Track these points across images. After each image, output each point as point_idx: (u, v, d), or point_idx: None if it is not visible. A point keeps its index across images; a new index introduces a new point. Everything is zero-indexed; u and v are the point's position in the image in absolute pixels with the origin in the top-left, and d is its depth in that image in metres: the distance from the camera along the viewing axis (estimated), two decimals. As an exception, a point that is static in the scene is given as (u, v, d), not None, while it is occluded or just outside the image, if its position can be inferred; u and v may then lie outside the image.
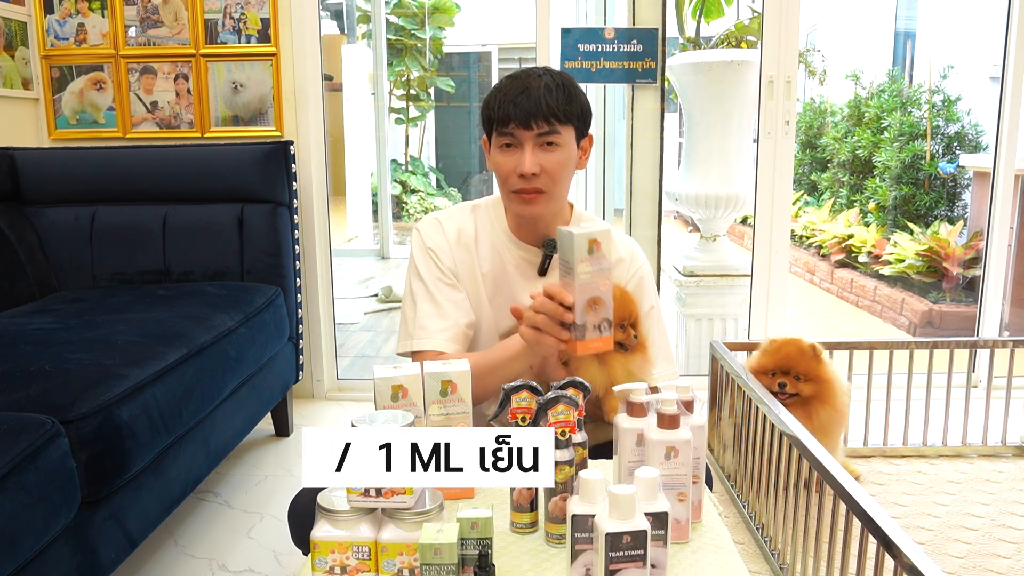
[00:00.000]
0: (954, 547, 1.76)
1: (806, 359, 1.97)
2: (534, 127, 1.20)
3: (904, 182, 5.70)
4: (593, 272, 0.97)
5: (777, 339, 2.01)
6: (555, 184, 1.25)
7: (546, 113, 1.20)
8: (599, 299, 0.98)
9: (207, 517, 1.98)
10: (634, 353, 1.27)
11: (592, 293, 0.98)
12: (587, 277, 0.97)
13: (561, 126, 1.22)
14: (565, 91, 1.22)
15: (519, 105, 1.20)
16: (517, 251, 1.34)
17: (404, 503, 0.85)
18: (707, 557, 0.95)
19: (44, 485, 1.20)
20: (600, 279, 0.97)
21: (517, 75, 1.24)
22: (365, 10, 7.89)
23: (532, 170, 1.21)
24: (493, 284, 1.34)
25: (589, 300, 0.98)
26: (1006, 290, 3.25)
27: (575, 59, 2.60)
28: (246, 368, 1.98)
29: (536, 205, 1.25)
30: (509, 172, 1.24)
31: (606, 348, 1.01)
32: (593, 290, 0.98)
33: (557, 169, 1.23)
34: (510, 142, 1.23)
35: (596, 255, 0.97)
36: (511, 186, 1.25)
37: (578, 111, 1.24)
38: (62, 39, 2.61)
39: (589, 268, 0.97)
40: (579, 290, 0.98)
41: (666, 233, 2.78)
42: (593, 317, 0.99)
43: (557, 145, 1.23)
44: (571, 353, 1.07)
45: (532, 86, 1.21)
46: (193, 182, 2.39)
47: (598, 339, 1.00)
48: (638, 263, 1.38)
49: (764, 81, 2.62)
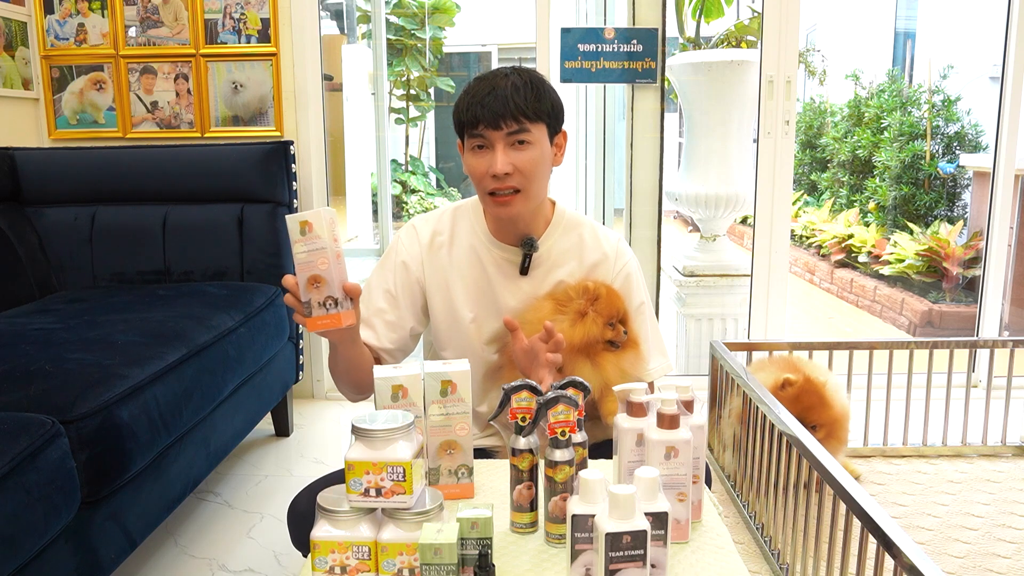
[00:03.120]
0: (954, 547, 1.76)
1: (823, 407, 1.91)
2: (503, 127, 1.20)
3: (904, 182, 5.70)
4: (308, 251, 1.02)
5: (792, 381, 1.92)
6: (530, 182, 1.24)
7: (514, 112, 1.19)
8: (319, 277, 1.02)
9: (207, 517, 1.98)
10: (625, 350, 1.27)
11: (310, 271, 1.02)
12: (303, 256, 1.02)
13: (531, 124, 1.21)
14: (533, 89, 1.22)
15: (487, 106, 1.19)
16: (497, 252, 1.34)
17: (404, 503, 0.85)
18: (707, 557, 0.95)
19: (44, 485, 1.20)
20: (317, 258, 1.01)
21: (485, 76, 1.24)
22: (365, 10, 7.89)
23: (504, 169, 1.21)
24: (473, 286, 1.33)
25: (309, 278, 1.02)
26: (1006, 290, 3.25)
27: (575, 59, 2.60)
28: (246, 368, 1.98)
29: (512, 206, 1.25)
30: (482, 174, 1.24)
31: (334, 325, 1.04)
32: (311, 268, 1.02)
33: (530, 167, 1.23)
34: (481, 143, 1.23)
35: (309, 235, 1.01)
36: (485, 187, 1.25)
37: (548, 108, 1.24)
38: (62, 39, 2.61)
39: (304, 248, 1.01)
40: (298, 269, 1.03)
41: (666, 233, 2.78)
42: (316, 295, 1.03)
43: (528, 143, 1.22)
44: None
45: (499, 86, 1.20)
46: (193, 182, 2.39)
47: (325, 316, 1.04)
48: (624, 259, 1.37)
49: (764, 81, 2.62)
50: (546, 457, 0.96)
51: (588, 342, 1.23)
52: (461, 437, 1.05)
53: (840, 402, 1.97)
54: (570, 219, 1.37)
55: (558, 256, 1.34)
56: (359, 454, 0.85)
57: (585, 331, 1.23)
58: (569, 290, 1.27)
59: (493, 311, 1.33)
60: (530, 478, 0.98)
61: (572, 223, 1.37)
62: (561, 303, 1.26)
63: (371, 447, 0.85)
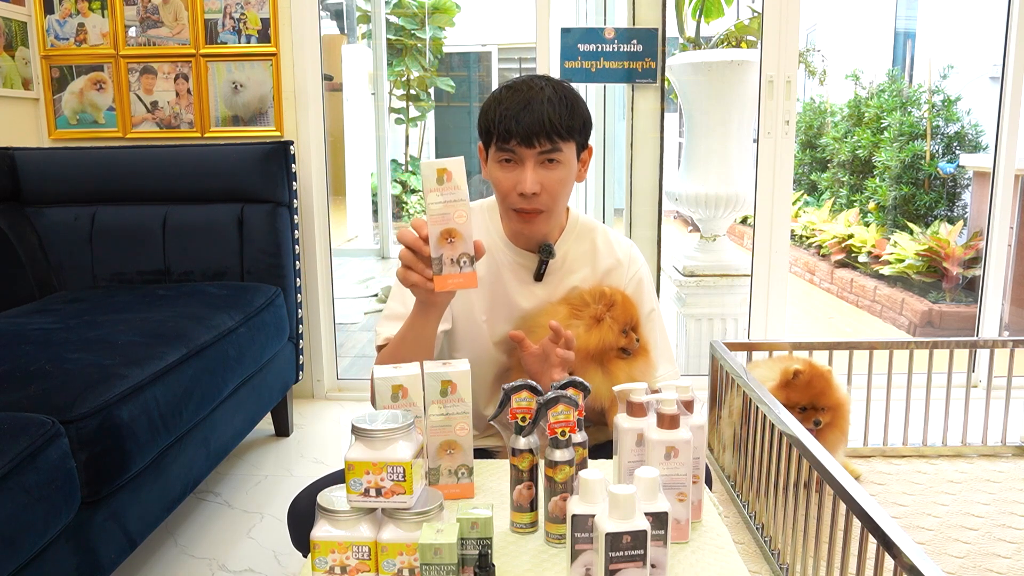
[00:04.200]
0: (954, 547, 1.76)
1: (832, 390, 1.96)
2: (536, 145, 1.17)
3: (904, 182, 5.70)
4: (445, 202, 0.95)
5: (800, 370, 1.95)
6: (555, 202, 1.22)
7: (549, 130, 1.16)
8: (454, 231, 0.95)
9: (207, 517, 1.98)
10: (636, 358, 1.27)
11: (445, 224, 0.95)
12: (438, 208, 0.95)
13: (563, 143, 1.19)
14: (567, 104, 1.18)
15: (521, 122, 1.16)
16: (513, 256, 1.33)
17: (404, 503, 0.85)
18: (707, 557, 0.95)
19: (44, 485, 1.20)
20: (454, 210, 0.94)
21: (518, 86, 1.20)
22: (365, 10, 7.89)
23: (533, 189, 1.18)
24: (488, 289, 1.32)
25: (443, 232, 0.96)
26: (1006, 290, 3.25)
27: (575, 59, 2.60)
28: (246, 368, 1.98)
29: (535, 224, 1.24)
30: (508, 189, 1.21)
31: (468, 285, 0.97)
32: (446, 221, 0.95)
33: (558, 187, 1.21)
34: (510, 158, 1.20)
35: (447, 185, 0.94)
36: (510, 203, 1.23)
37: (580, 125, 1.21)
38: (62, 39, 2.61)
39: (440, 198, 0.95)
40: (431, 221, 0.96)
41: (666, 233, 2.78)
42: (450, 250, 0.96)
43: (558, 162, 1.20)
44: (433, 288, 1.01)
45: (534, 100, 1.17)
46: (193, 182, 2.39)
47: (458, 275, 0.97)
48: (636, 266, 1.36)
49: (764, 81, 2.62)
50: (546, 457, 0.95)
51: (603, 348, 1.23)
52: (461, 437, 1.05)
53: (843, 387, 2.02)
54: (584, 224, 1.36)
55: (572, 262, 1.34)
56: (359, 454, 0.85)
57: (601, 337, 1.22)
58: (585, 295, 1.26)
59: (506, 314, 1.32)
60: (530, 478, 0.98)
61: (586, 228, 1.36)
62: (576, 308, 1.25)
63: (371, 447, 0.85)
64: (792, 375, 1.95)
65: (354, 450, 0.86)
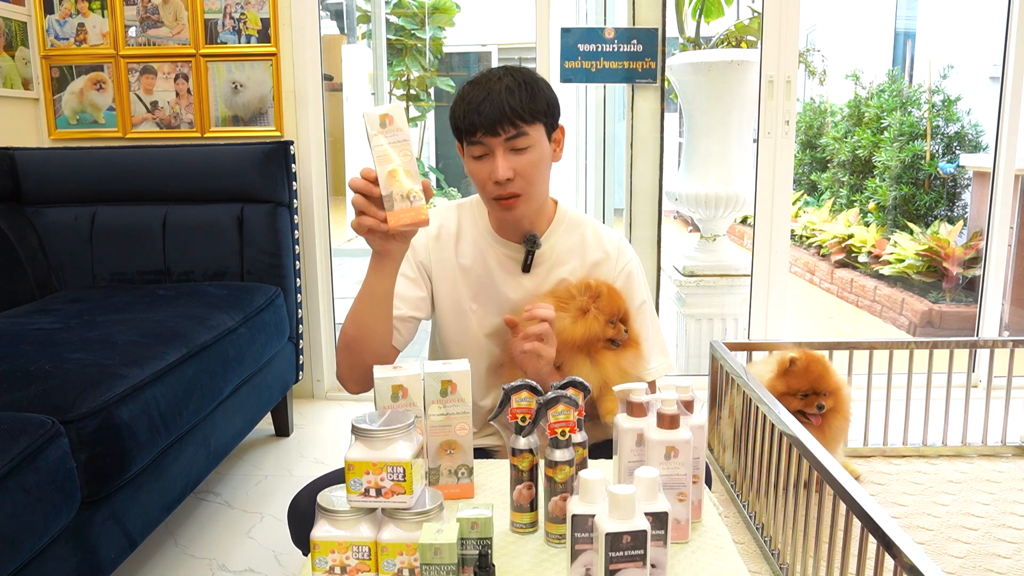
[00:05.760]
0: (954, 547, 1.76)
1: (830, 374, 1.97)
2: (501, 133, 1.20)
3: (904, 182, 5.70)
4: (391, 143, 1.00)
5: (796, 357, 1.96)
6: (531, 185, 1.25)
7: (511, 116, 1.19)
8: (400, 169, 1.00)
9: (207, 517, 1.98)
10: (625, 349, 1.27)
11: (391, 164, 1.00)
12: (383, 150, 0.99)
13: (528, 126, 1.21)
14: (528, 89, 1.21)
15: (483, 113, 1.19)
16: (500, 248, 1.35)
17: (404, 503, 0.85)
18: (707, 557, 0.95)
19: (44, 485, 1.20)
20: (398, 149, 0.99)
21: (478, 80, 1.23)
22: (365, 10, 7.89)
23: (506, 175, 1.21)
24: (476, 281, 1.34)
25: (390, 171, 1.00)
26: (1006, 290, 3.25)
27: (575, 59, 2.60)
28: (246, 368, 1.98)
29: (516, 209, 1.26)
30: (484, 180, 1.24)
31: (418, 219, 1.01)
32: (392, 160, 1.00)
33: (531, 170, 1.23)
34: (482, 152, 1.23)
35: (390, 127, 0.99)
36: (489, 193, 1.25)
37: (543, 107, 1.23)
38: (62, 39, 2.61)
39: (385, 140, 0.99)
40: (378, 161, 1.00)
41: (666, 233, 2.78)
42: (398, 187, 1.00)
43: (528, 147, 1.22)
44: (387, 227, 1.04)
45: (493, 90, 1.19)
46: (193, 182, 2.39)
47: (410, 208, 1.00)
48: (625, 258, 1.37)
49: (764, 81, 2.62)
50: (546, 457, 0.96)
51: (589, 339, 1.24)
52: (461, 437, 1.06)
53: (840, 372, 2.03)
54: (572, 218, 1.38)
55: (560, 254, 1.35)
56: (359, 454, 0.85)
57: (587, 328, 1.23)
58: (571, 287, 1.28)
59: (495, 305, 1.34)
60: (530, 478, 0.98)
61: (574, 222, 1.38)
62: (563, 300, 1.26)
63: (371, 447, 0.85)
64: (789, 363, 1.96)
65: (354, 450, 0.86)
